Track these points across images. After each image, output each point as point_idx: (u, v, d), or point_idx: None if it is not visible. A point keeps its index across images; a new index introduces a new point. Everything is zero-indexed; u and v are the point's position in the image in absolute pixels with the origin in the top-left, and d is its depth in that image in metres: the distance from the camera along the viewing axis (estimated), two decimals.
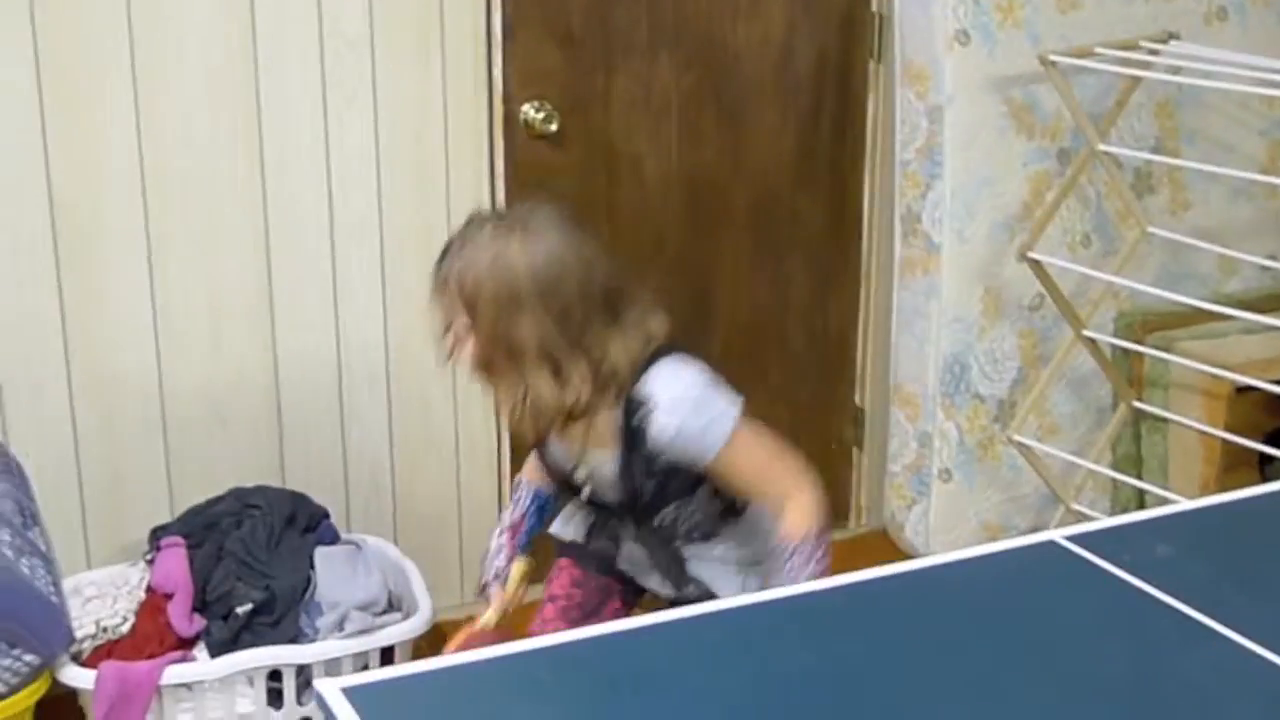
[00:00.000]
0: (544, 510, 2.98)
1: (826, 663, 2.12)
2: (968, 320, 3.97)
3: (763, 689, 2.05)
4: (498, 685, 2.06)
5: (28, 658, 3.09)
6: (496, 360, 2.56)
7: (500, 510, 3.89)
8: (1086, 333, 3.89)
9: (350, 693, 1.97)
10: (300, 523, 3.46)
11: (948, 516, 4.11)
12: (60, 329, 3.43)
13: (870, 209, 4.08)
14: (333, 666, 3.27)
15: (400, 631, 3.30)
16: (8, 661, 3.06)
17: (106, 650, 3.24)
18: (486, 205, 3.69)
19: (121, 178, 3.39)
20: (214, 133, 3.44)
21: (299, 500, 3.51)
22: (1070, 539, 2.43)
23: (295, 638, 3.28)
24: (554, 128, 3.69)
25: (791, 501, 2.69)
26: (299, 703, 3.28)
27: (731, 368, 3.99)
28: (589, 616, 2.89)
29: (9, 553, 3.07)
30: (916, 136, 3.89)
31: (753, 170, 3.93)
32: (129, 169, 3.39)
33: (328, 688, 1.98)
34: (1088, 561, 2.38)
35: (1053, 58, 3.68)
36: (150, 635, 3.28)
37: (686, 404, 2.64)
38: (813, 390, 4.17)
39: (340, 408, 3.69)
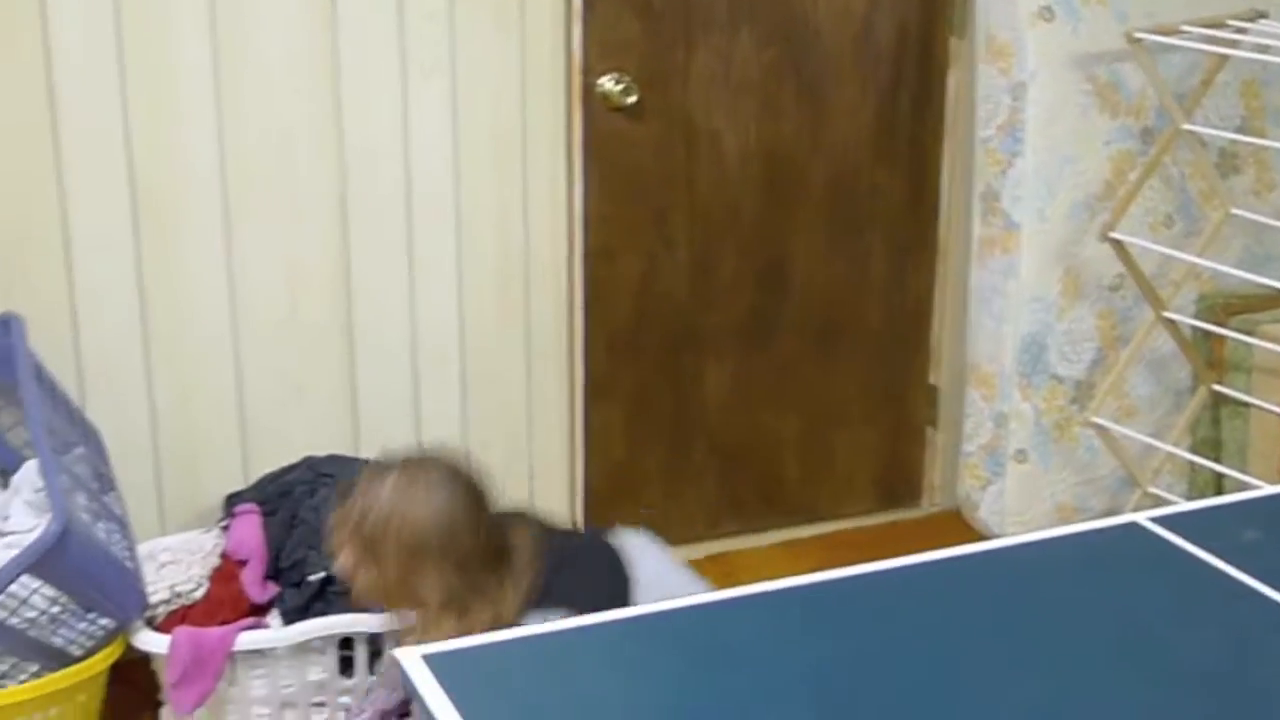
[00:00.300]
0: None
1: (911, 640, 2.10)
2: (1046, 300, 3.93)
3: (847, 664, 2.04)
4: (580, 655, 2.05)
5: (103, 622, 3.11)
6: (399, 600, 2.72)
7: (572, 500, 3.91)
8: (1167, 314, 3.84)
9: (430, 660, 1.97)
10: None
11: (1022, 498, 4.07)
12: (138, 296, 3.44)
13: (949, 186, 4.05)
14: None
15: None
16: (83, 625, 3.08)
17: (180, 616, 3.26)
18: (561, 175, 3.67)
19: (200, 148, 3.40)
20: (293, 105, 3.44)
21: None
22: (1155, 520, 2.39)
23: (367, 607, 3.28)
24: (632, 100, 3.67)
25: None
26: (370, 671, 3.29)
27: (806, 344, 4.01)
28: None
29: (86, 517, 3.08)
30: (998, 113, 3.85)
31: (831, 146, 3.90)
32: (208, 141, 3.40)
33: (407, 655, 1.98)
34: (1172, 544, 2.34)
35: (1138, 35, 3.63)
36: (223, 601, 3.29)
37: None
38: (888, 369, 4.14)
39: (413, 379, 3.69)
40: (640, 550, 2.86)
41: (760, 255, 3.91)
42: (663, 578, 2.81)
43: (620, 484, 3.96)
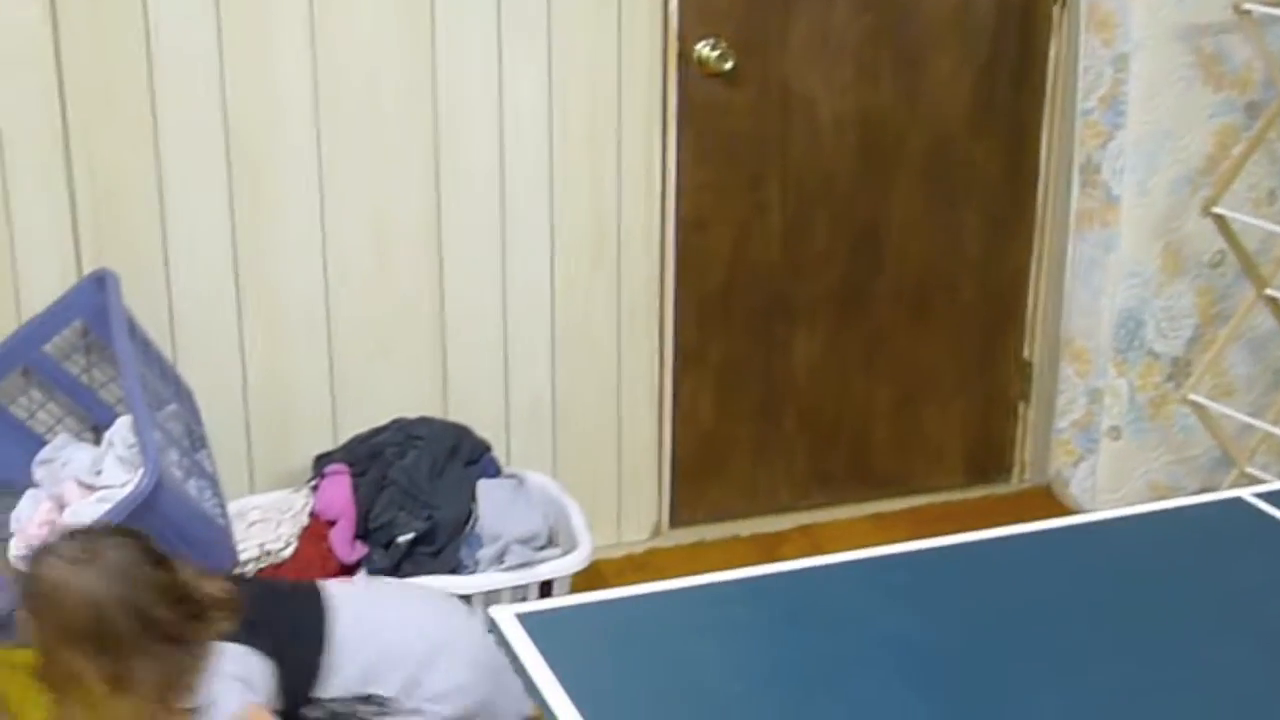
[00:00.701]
0: None
1: (1012, 610, 2.07)
2: (1145, 275, 3.87)
3: (940, 633, 2.02)
4: (675, 616, 2.05)
5: None
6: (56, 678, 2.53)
7: (660, 469, 3.89)
8: (1269, 291, 3.77)
9: (525, 619, 1.97)
10: (463, 455, 3.46)
11: (1115, 475, 4.02)
12: (231, 256, 3.45)
13: (1047, 157, 3.98)
14: (491, 599, 3.27)
15: (560, 567, 3.29)
16: None
17: (270, 574, 3.27)
18: (655, 141, 3.65)
19: (295, 108, 3.40)
20: (388, 64, 3.43)
21: (462, 432, 3.51)
22: (1260, 496, 2.35)
23: (455, 569, 3.29)
24: (728, 66, 3.63)
25: None
26: None
27: (899, 315, 3.97)
28: None
29: (178, 473, 3.10)
30: (1100, 85, 3.79)
31: (928, 115, 3.85)
32: (303, 99, 3.39)
33: (502, 614, 1.98)
34: (1278, 521, 2.30)
35: (1246, 6, 3.56)
36: (312, 560, 3.30)
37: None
38: (980, 342, 4.09)
39: (504, 342, 3.68)
40: (345, 598, 2.82)
41: (854, 224, 3.87)
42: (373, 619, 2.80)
43: (708, 454, 3.94)
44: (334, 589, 2.84)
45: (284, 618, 2.75)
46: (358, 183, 3.48)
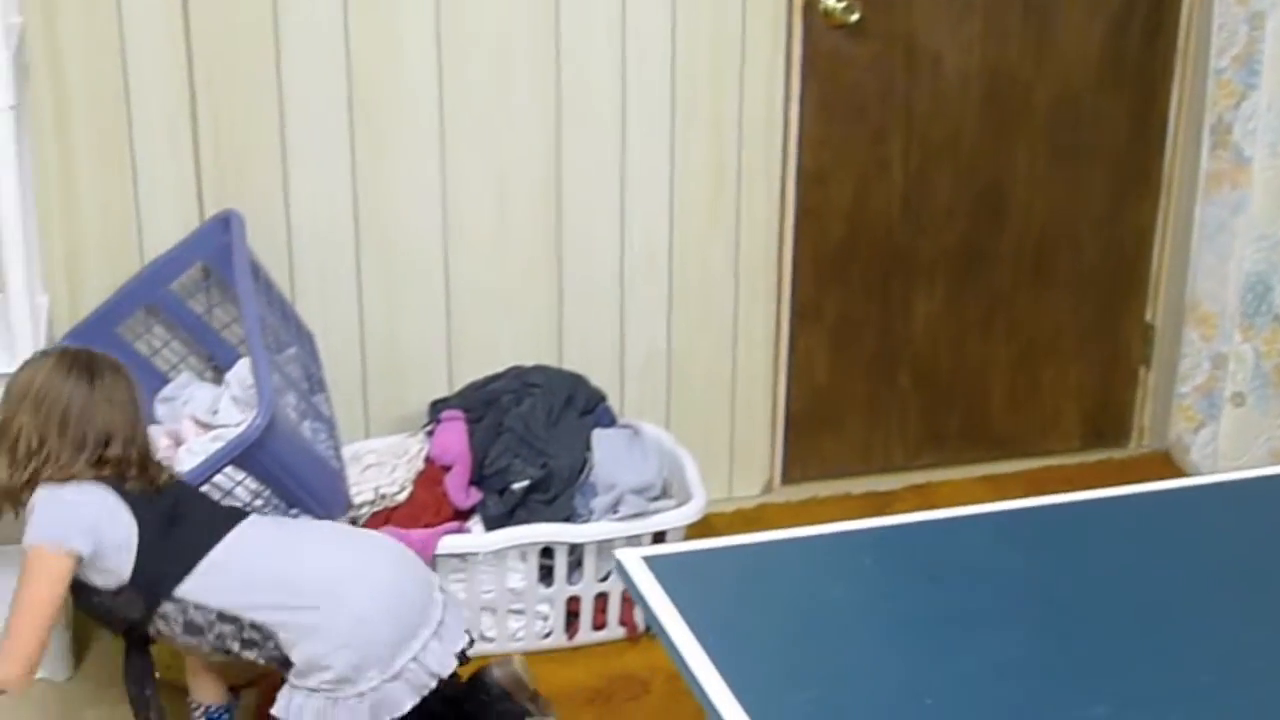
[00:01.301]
0: None
1: (1133, 567, 2.04)
2: (1275, 238, 3.78)
3: (1066, 586, 1.99)
4: (799, 563, 2.03)
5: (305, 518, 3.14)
6: None
7: (773, 424, 3.86)
8: None
9: (651, 561, 1.95)
10: (579, 404, 3.45)
11: (1237, 441, 3.94)
12: (351, 202, 3.46)
13: (1176, 116, 3.90)
14: (605, 548, 3.27)
15: (675, 518, 3.28)
16: None
17: (384, 517, 3.28)
18: (778, 92, 3.62)
19: (417, 53, 3.39)
20: (512, 10, 3.42)
21: (578, 381, 3.50)
22: None
23: (569, 517, 3.28)
24: (854, 18, 3.58)
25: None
26: (569, 582, 3.28)
27: (1020, 274, 3.91)
28: None
29: (293, 415, 3.11)
30: (1234, 43, 3.70)
31: (1055, 70, 3.78)
32: (425, 45, 3.39)
33: (628, 556, 1.96)
34: None
35: None
36: (427, 505, 3.31)
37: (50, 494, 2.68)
38: (1102, 303, 4.01)
39: (620, 292, 3.67)
40: (254, 525, 2.79)
41: (977, 181, 3.82)
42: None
43: (822, 410, 3.91)
44: (254, 520, 2.81)
45: (186, 515, 2.75)
46: (479, 129, 3.47)
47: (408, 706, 2.66)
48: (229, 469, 2.94)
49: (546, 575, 3.28)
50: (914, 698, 1.75)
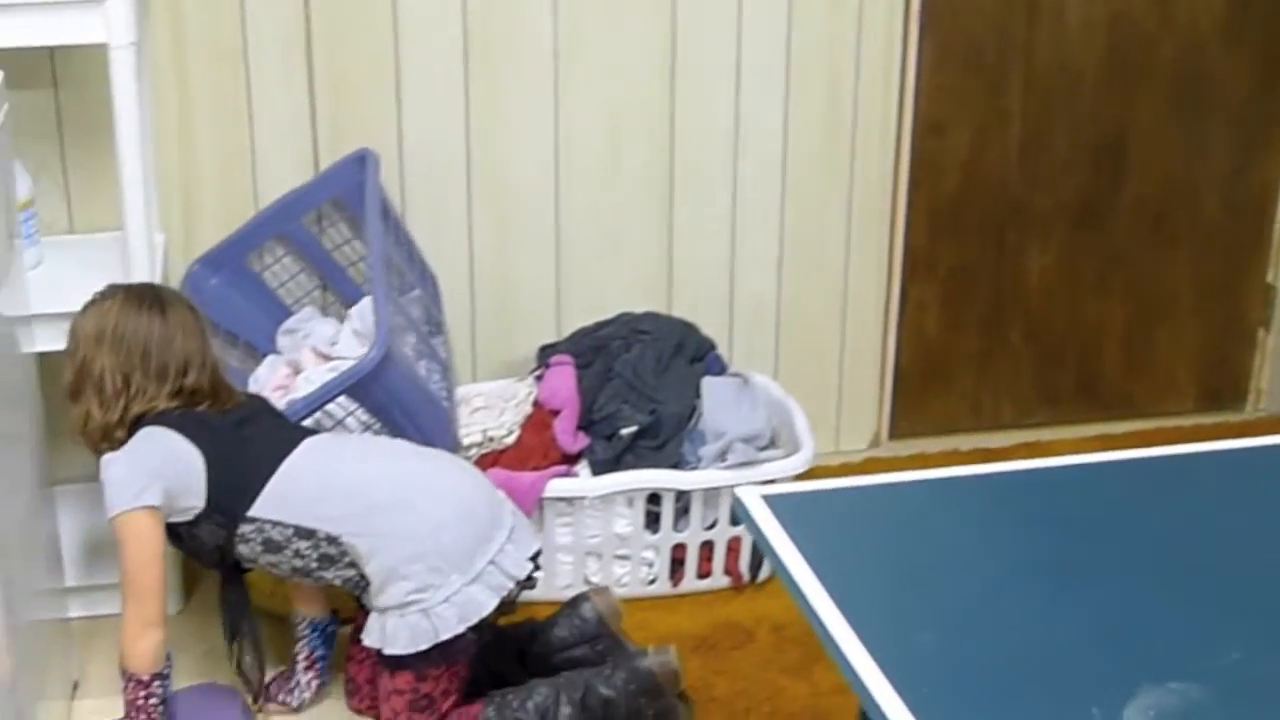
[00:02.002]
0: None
1: (1270, 516, 2.00)
2: None
3: (1192, 535, 1.95)
4: (922, 505, 2.01)
5: None
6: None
7: (882, 377, 3.82)
8: None
9: (771, 500, 1.93)
10: (688, 351, 3.43)
11: None
12: (464, 145, 3.45)
13: None
14: (712, 496, 3.25)
15: (783, 467, 3.25)
16: None
17: (491, 460, 3.28)
18: (896, 40, 3.57)
19: None
20: None
21: (688, 329, 3.48)
22: None
23: (677, 464, 3.27)
24: None
25: (126, 651, 2.74)
26: (675, 529, 3.27)
27: (1138, 231, 3.84)
28: None
29: (409, 353, 3.12)
30: None
31: (1181, 22, 3.70)
32: None
33: (747, 494, 1.95)
34: None
35: None
36: (534, 449, 3.30)
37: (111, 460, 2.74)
38: (1221, 263, 3.94)
39: (732, 241, 3.64)
40: (319, 442, 2.82)
41: (1096, 134, 3.75)
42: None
43: (932, 364, 3.87)
44: (322, 436, 2.85)
45: (255, 434, 2.80)
46: (593, 74, 3.45)
47: (490, 608, 2.71)
48: (342, 399, 2.96)
49: (653, 522, 3.26)
50: (1037, 642, 1.72)
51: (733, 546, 3.32)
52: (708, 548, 3.31)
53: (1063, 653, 1.70)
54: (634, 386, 3.33)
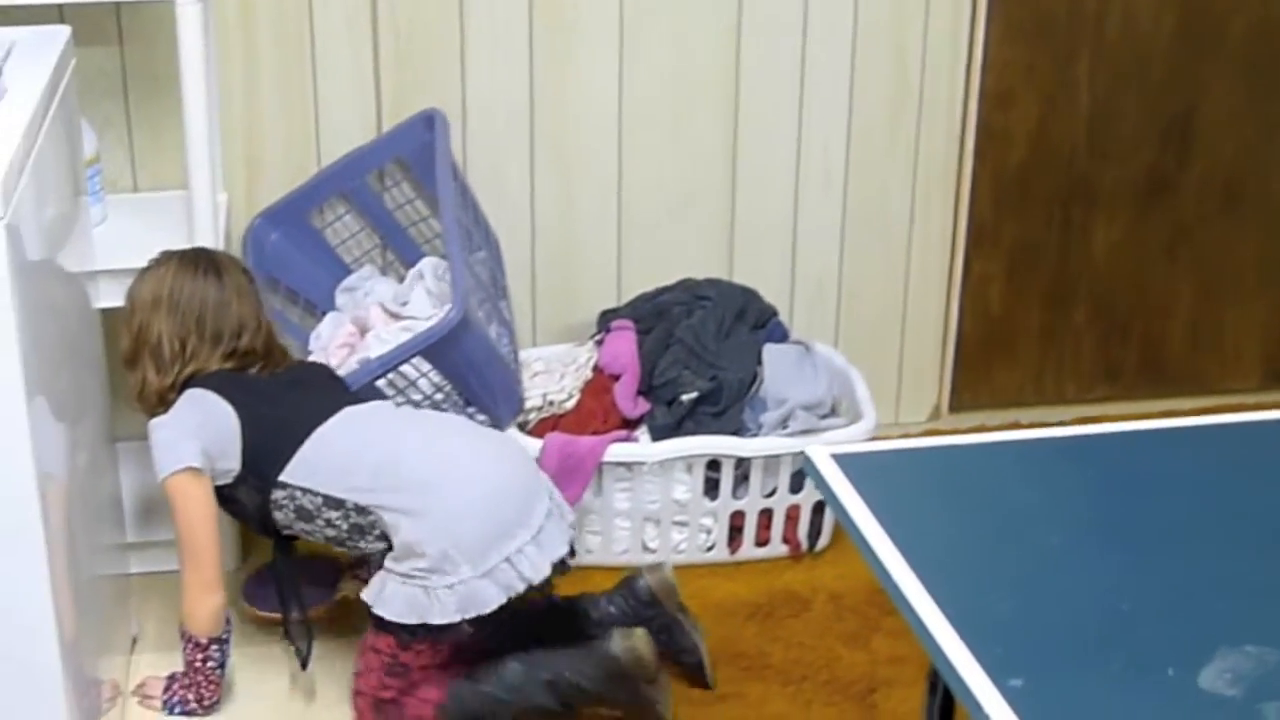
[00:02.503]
0: None
1: None
2: None
3: (1271, 503, 1.92)
4: (993, 467, 1.99)
5: (480, 418, 3.14)
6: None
7: (944, 350, 3.80)
8: None
9: (841, 459, 1.92)
10: (750, 318, 3.41)
11: None
12: (527, 107, 3.44)
13: None
14: (772, 464, 3.23)
15: (845, 435, 3.23)
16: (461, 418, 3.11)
17: (551, 424, 3.27)
18: (964, 10, 3.53)
19: None
20: None
21: (750, 296, 3.46)
22: None
23: (738, 430, 3.25)
24: None
25: (188, 616, 2.77)
26: (734, 496, 3.25)
27: (1206, 208, 3.79)
28: None
29: (480, 316, 3.11)
30: None
31: None
32: None
33: (818, 453, 1.93)
34: None
35: None
36: (594, 413, 3.29)
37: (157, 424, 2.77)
38: None
39: (793, 207, 3.62)
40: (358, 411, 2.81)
41: (1166, 108, 3.70)
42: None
43: (994, 338, 3.83)
44: (361, 406, 2.83)
45: (295, 399, 2.80)
46: (659, 38, 3.43)
47: (494, 605, 2.64)
48: (416, 360, 2.96)
49: (712, 488, 3.25)
50: (1111, 605, 1.70)
51: (791, 515, 3.30)
52: (766, 515, 3.29)
53: (1137, 616, 1.68)
54: (695, 352, 3.31)
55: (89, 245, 2.83)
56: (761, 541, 3.32)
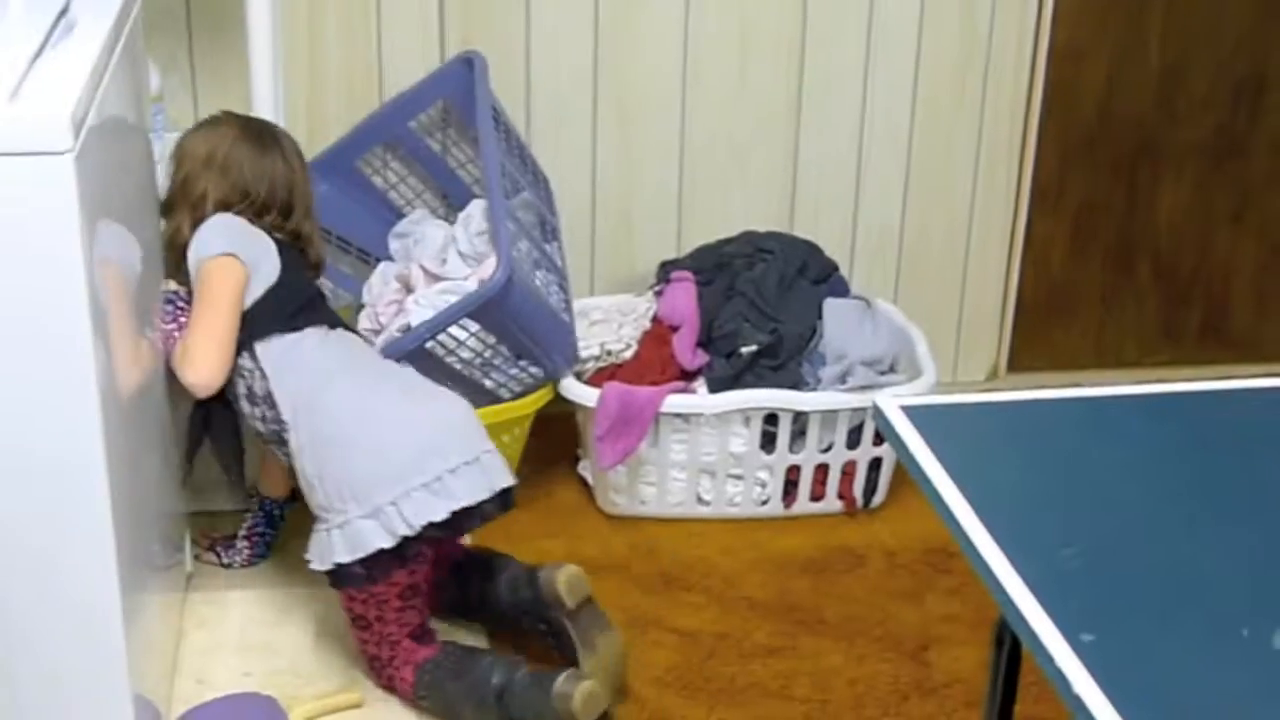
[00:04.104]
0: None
1: None
2: None
3: None
4: (1063, 422, 1.97)
5: (533, 370, 3.13)
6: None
7: (1004, 309, 3.76)
8: None
9: (910, 411, 1.89)
10: (811, 272, 3.38)
11: None
12: (592, 53, 3.41)
13: None
14: (829, 418, 3.21)
15: (904, 391, 3.20)
16: (514, 371, 3.11)
17: (609, 374, 3.26)
18: None
19: None
20: None
21: (812, 250, 3.43)
22: None
23: (796, 384, 3.23)
24: None
25: (184, 356, 2.71)
26: (790, 450, 3.24)
27: (1276, 170, 3.74)
28: None
29: (526, 265, 3.09)
30: None
31: None
32: None
33: (887, 403, 1.91)
34: None
35: None
36: (652, 364, 3.28)
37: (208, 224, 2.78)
38: None
39: (858, 165, 3.59)
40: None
41: (1238, 68, 3.65)
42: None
43: (1055, 298, 3.80)
44: (341, 331, 2.81)
45: (310, 298, 2.82)
46: None
47: (374, 547, 2.57)
48: (463, 320, 2.94)
49: (768, 442, 3.23)
50: (1184, 563, 1.67)
51: (847, 471, 3.28)
52: (822, 470, 3.27)
53: (1211, 575, 1.66)
54: (755, 305, 3.29)
55: (153, 182, 2.83)
56: (816, 497, 3.30)
